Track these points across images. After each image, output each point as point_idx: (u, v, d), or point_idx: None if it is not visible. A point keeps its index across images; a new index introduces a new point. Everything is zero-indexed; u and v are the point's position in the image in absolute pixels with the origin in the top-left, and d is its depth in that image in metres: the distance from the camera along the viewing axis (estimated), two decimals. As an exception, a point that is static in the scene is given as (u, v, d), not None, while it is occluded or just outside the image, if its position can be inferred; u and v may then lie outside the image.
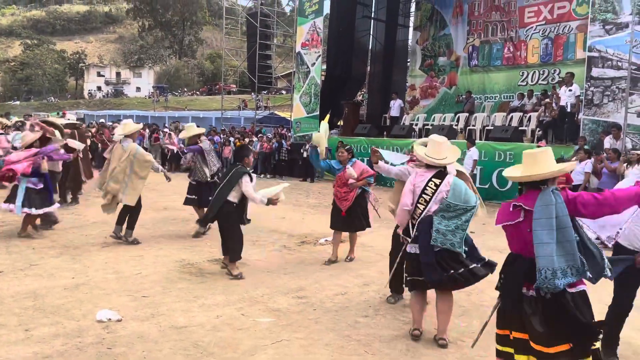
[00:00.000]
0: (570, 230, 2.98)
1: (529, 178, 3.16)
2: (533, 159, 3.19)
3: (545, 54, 15.54)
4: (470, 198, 4.04)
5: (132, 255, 6.65)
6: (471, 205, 4.01)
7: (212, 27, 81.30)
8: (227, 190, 5.76)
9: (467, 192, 4.07)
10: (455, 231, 3.96)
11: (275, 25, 24.15)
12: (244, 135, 19.93)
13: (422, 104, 19.30)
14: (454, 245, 3.95)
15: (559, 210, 3.00)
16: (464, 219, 3.99)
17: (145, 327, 4.35)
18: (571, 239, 2.98)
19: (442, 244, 3.96)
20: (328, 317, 4.77)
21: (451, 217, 4.00)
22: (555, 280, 2.95)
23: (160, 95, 56.74)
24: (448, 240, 3.95)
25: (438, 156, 4.19)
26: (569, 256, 2.97)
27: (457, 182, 4.13)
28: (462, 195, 4.03)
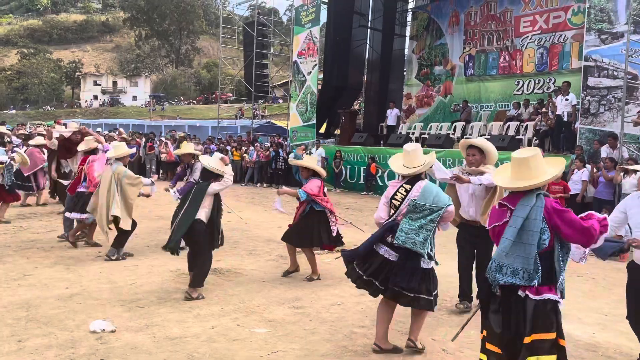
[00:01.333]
0: (535, 235, 2.92)
1: (525, 188, 3.06)
2: (526, 166, 3.08)
3: (541, 63, 15.63)
4: (440, 201, 3.96)
5: (126, 265, 6.59)
6: (438, 206, 3.93)
7: (209, 36, 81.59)
8: (194, 209, 5.35)
9: (438, 194, 4.01)
10: (418, 230, 3.89)
11: (272, 34, 24.23)
12: (241, 144, 19.91)
13: (417, 113, 19.37)
14: (416, 244, 3.86)
15: (532, 212, 2.96)
16: (430, 219, 3.91)
17: (139, 338, 4.29)
18: (532, 242, 2.92)
19: (403, 242, 3.89)
20: (324, 327, 4.72)
21: (417, 218, 3.94)
22: (496, 274, 3.02)
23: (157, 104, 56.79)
24: (410, 239, 3.88)
25: (411, 165, 4.18)
26: (524, 259, 2.94)
27: (429, 186, 4.08)
28: (431, 197, 3.97)
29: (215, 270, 6.51)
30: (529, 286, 2.97)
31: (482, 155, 4.94)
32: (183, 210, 5.38)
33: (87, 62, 78.93)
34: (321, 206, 6.25)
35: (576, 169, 10.24)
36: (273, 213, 6.74)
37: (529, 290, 2.97)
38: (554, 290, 2.99)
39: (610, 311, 5.27)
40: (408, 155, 4.22)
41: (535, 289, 2.96)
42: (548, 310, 2.95)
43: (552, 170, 3.13)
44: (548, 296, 2.96)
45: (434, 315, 5.12)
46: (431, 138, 15.45)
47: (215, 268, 6.60)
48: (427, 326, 4.82)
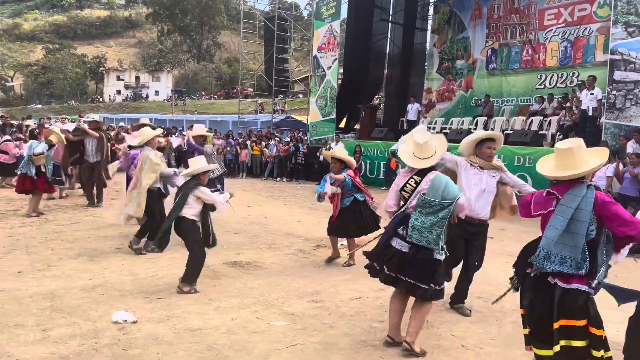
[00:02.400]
0: (584, 225, 2.98)
1: (569, 177, 3.13)
2: (570, 156, 3.15)
3: (565, 57, 15.33)
4: (449, 195, 3.86)
5: (147, 258, 6.68)
6: (448, 201, 3.84)
7: (230, 31, 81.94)
8: (179, 207, 5.33)
9: (447, 188, 3.89)
10: (431, 228, 3.83)
11: (292, 29, 24.22)
12: (261, 138, 19.99)
13: (438, 107, 19.18)
14: (430, 242, 3.83)
15: (582, 203, 3.00)
16: (441, 215, 3.83)
17: (160, 329, 4.35)
18: (581, 232, 2.98)
19: (417, 241, 3.86)
20: (343, 321, 4.72)
21: (428, 214, 3.86)
22: (544, 263, 3.07)
23: (179, 99, 57.27)
24: (424, 237, 3.83)
25: (422, 155, 4.06)
26: (572, 248, 3.00)
27: (438, 177, 3.97)
28: (439, 191, 3.87)
29: (235, 264, 6.57)
30: (559, 274, 3.04)
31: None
32: (173, 205, 5.46)
33: (110, 58, 80.00)
34: (362, 195, 6.51)
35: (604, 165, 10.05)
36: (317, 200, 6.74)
37: (559, 278, 3.05)
38: (584, 280, 3.03)
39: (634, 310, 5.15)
40: (419, 147, 4.07)
41: (565, 278, 3.04)
42: (576, 299, 3.01)
43: (594, 160, 3.17)
44: (576, 286, 3.02)
45: (454, 311, 5.09)
46: (452, 133, 15.28)
47: (235, 261, 6.67)
48: (446, 322, 4.80)
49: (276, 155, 18.36)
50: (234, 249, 7.30)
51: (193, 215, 5.40)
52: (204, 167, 5.59)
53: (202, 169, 5.55)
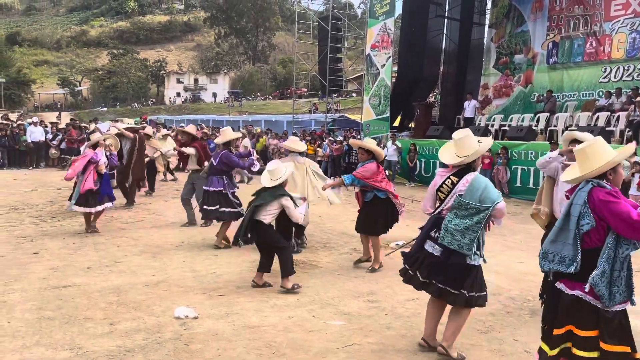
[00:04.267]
0: (573, 219, 2.84)
1: (575, 181, 3.00)
2: (583, 156, 2.97)
3: (633, 49, 14.47)
4: (487, 198, 3.66)
5: (207, 255, 6.87)
6: (485, 205, 3.65)
7: (285, 32, 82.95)
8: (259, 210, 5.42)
9: (486, 191, 3.68)
10: (464, 232, 3.65)
11: (346, 28, 24.20)
12: (315, 138, 20.11)
13: (495, 104, 18.59)
14: (462, 247, 3.65)
15: (574, 197, 2.91)
16: (476, 219, 3.64)
17: (220, 325, 4.46)
18: (570, 228, 2.85)
19: (448, 244, 3.69)
20: (400, 322, 4.67)
21: (463, 216, 3.69)
22: (542, 261, 3.00)
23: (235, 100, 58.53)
24: (456, 240, 3.66)
25: (460, 153, 3.89)
26: (559, 244, 2.90)
27: (477, 179, 3.77)
28: (477, 194, 3.67)
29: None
30: (565, 279, 2.92)
31: None
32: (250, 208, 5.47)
33: (170, 61, 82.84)
34: (384, 193, 6.18)
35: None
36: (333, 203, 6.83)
37: (564, 283, 2.94)
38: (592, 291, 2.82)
39: None
40: (457, 143, 3.93)
41: (570, 283, 2.90)
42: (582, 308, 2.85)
43: (604, 157, 2.89)
44: (579, 293, 2.86)
45: (517, 315, 4.94)
46: (512, 130, 14.80)
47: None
48: (509, 326, 4.66)
49: (329, 155, 18.41)
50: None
51: (270, 221, 5.48)
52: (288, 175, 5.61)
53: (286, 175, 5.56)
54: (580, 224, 2.82)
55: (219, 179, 7.41)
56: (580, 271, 2.83)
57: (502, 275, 6.19)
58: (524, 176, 13.38)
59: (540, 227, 5.04)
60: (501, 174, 13.67)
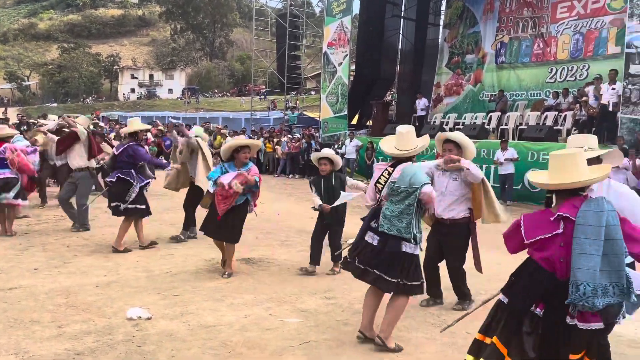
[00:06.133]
0: (621, 242, 2.52)
1: (572, 185, 2.70)
2: (572, 161, 2.75)
3: (576, 50, 15.14)
4: (416, 181, 3.83)
5: (162, 254, 6.73)
6: (414, 187, 3.82)
7: (242, 28, 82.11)
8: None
9: (415, 176, 3.86)
10: (400, 216, 3.84)
11: (304, 26, 24.20)
12: (273, 135, 20.02)
13: (446, 102, 19.05)
14: (400, 231, 3.82)
15: (610, 218, 2.54)
16: (407, 202, 3.82)
17: (174, 326, 4.37)
18: (620, 252, 2.52)
19: (388, 230, 3.86)
20: (357, 318, 4.70)
21: (397, 202, 3.88)
22: (595, 299, 2.51)
23: (192, 97, 57.60)
24: (394, 226, 3.84)
25: (402, 147, 4.08)
26: (613, 272, 2.52)
27: (409, 167, 3.98)
28: (407, 179, 3.86)
29: (248, 260, 6.60)
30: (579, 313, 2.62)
31: (459, 150, 4.69)
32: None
33: (124, 56, 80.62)
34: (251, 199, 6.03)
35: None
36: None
37: (577, 318, 2.64)
38: (598, 316, 2.63)
39: None
40: (401, 137, 4.12)
41: (582, 316, 2.63)
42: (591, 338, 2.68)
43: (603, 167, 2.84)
44: (595, 326, 2.64)
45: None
46: (466, 129, 15.16)
47: (248, 258, 6.69)
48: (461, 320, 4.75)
49: (288, 152, 18.38)
50: (247, 246, 7.30)
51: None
52: None
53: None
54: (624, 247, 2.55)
55: (128, 172, 6.78)
56: None
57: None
58: (477, 174, 13.74)
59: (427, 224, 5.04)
60: (455, 172, 13.99)
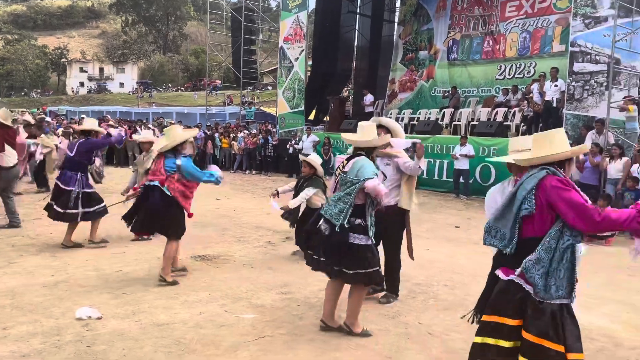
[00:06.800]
0: (517, 202, 2.80)
1: (543, 159, 2.88)
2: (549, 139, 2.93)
3: (523, 47, 15.69)
4: (362, 174, 3.92)
5: (113, 253, 6.56)
6: (358, 179, 3.91)
7: (197, 22, 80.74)
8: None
9: (363, 168, 3.95)
10: (336, 202, 3.97)
11: (260, 20, 24.00)
12: (229, 131, 19.80)
13: (400, 97, 19.37)
14: (332, 216, 3.94)
15: (526, 181, 2.84)
16: (347, 191, 3.95)
17: (126, 325, 4.28)
18: (513, 209, 2.81)
19: (324, 212, 4.02)
20: (312, 312, 4.74)
21: (341, 190, 4.02)
22: (485, 235, 2.96)
23: (145, 91, 56.21)
24: (330, 209, 3.99)
25: (362, 138, 4.21)
26: (502, 221, 2.88)
27: (361, 159, 4.06)
28: (356, 170, 3.97)
29: (203, 257, 6.52)
30: (504, 267, 2.89)
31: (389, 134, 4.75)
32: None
33: (72, 49, 77.74)
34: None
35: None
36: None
37: (503, 270, 2.89)
38: (523, 275, 2.76)
39: (594, 293, 5.33)
40: (362, 130, 4.24)
41: (505, 269, 2.87)
42: (509, 293, 2.80)
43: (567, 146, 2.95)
44: (512, 277, 2.81)
45: (422, 300, 5.18)
46: (420, 124, 15.47)
47: (203, 255, 6.61)
48: (414, 310, 4.87)
49: (244, 148, 18.23)
50: (202, 243, 7.23)
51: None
52: None
53: None
54: (521, 207, 2.80)
55: (74, 175, 6.63)
56: (517, 258, 2.80)
57: (409, 263, 6.44)
58: (431, 168, 14.03)
59: None
60: (410, 167, 14.23)
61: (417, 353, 3.97)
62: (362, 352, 3.95)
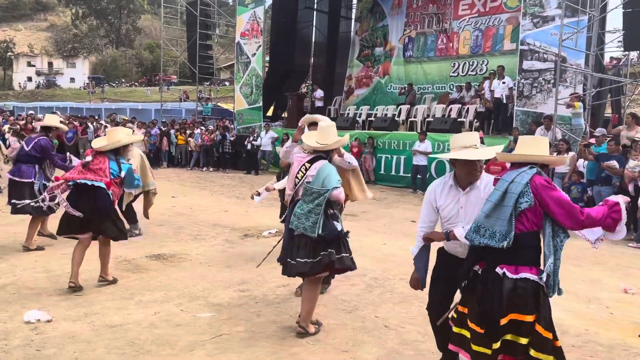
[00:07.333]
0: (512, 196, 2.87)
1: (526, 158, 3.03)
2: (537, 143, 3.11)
3: (476, 45, 16.10)
4: (328, 183, 3.94)
5: (63, 253, 6.32)
6: (325, 189, 3.92)
7: (151, 15, 78.79)
8: None
9: (328, 177, 3.97)
10: (308, 215, 3.95)
11: (216, 14, 23.64)
12: (185, 127, 19.45)
13: (356, 94, 19.55)
14: (306, 229, 3.93)
15: (518, 177, 2.91)
16: (317, 202, 3.93)
17: (77, 327, 4.16)
18: (507, 204, 2.86)
19: (296, 228, 3.99)
20: (270, 309, 4.73)
21: (308, 202, 3.99)
22: (472, 235, 2.94)
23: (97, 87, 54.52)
24: (301, 223, 3.96)
25: (322, 141, 4.18)
26: (493, 219, 2.88)
27: (325, 167, 4.05)
28: (321, 180, 3.97)
29: (159, 256, 6.40)
30: (505, 264, 2.88)
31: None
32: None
33: (19, 42, 74.39)
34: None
35: (512, 150, 10.64)
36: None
37: (507, 268, 2.87)
38: (534, 270, 2.88)
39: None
40: (322, 131, 4.20)
41: (514, 268, 2.87)
42: (525, 289, 2.84)
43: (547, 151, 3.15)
44: (526, 275, 2.85)
45: (378, 294, 5.26)
46: (377, 121, 15.63)
47: (159, 254, 6.50)
48: (371, 304, 4.94)
49: (202, 145, 17.96)
50: (158, 242, 7.10)
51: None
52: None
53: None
54: (519, 201, 2.85)
55: (30, 167, 6.54)
56: (513, 253, 2.85)
57: (367, 257, 6.53)
58: (388, 164, 14.23)
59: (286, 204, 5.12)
60: (368, 163, 14.39)
61: (373, 346, 4.03)
62: (319, 347, 3.98)
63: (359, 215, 9.67)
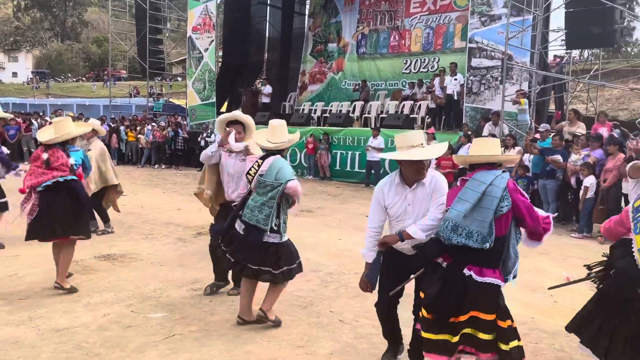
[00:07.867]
0: (492, 200, 2.94)
1: (486, 159, 3.11)
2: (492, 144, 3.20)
3: (427, 43, 16.42)
4: (282, 177, 3.98)
5: (6, 256, 6.07)
6: (279, 182, 3.97)
7: (98, 8, 76.08)
8: None
9: (282, 170, 4.01)
10: (261, 207, 3.99)
11: (167, 8, 23.10)
12: (135, 124, 18.95)
13: (310, 89, 19.57)
14: (259, 221, 3.97)
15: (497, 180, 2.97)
16: (270, 195, 3.97)
17: (21, 332, 3.99)
18: (489, 207, 2.93)
19: (248, 219, 4.01)
20: (224, 307, 4.68)
21: (261, 194, 4.02)
22: (450, 234, 2.96)
23: (41, 81, 52.28)
24: (254, 216, 3.99)
25: (274, 140, 4.19)
26: (470, 219, 2.93)
27: (277, 161, 4.08)
28: (274, 173, 4.00)
29: (108, 257, 6.22)
30: (474, 265, 2.98)
31: (244, 131, 4.63)
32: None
33: (-45, 34, 70.43)
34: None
35: (462, 145, 10.93)
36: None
37: (474, 270, 2.97)
38: (497, 273, 3.01)
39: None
40: (273, 130, 4.22)
41: (479, 270, 2.98)
42: (490, 294, 2.97)
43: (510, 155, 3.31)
44: (490, 280, 2.96)
45: (333, 289, 5.29)
46: (332, 117, 15.69)
47: (108, 254, 6.31)
48: (326, 299, 4.97)
49: (153, 141, 17.54)
50: (106, 242, 6.90)
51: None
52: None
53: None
54: (500, 205, 2.93)
55: None
56: (482, 254, 2.95)
57: (322, 253, 6.58)
58: (343, 160, 14.33)
59: (205, 205, 5.07)
60: (323, 159, 14.44)
61: (328, 340, 4.06)
62: (274, 343, 3.97)
63: (314, 211, 9.70)
